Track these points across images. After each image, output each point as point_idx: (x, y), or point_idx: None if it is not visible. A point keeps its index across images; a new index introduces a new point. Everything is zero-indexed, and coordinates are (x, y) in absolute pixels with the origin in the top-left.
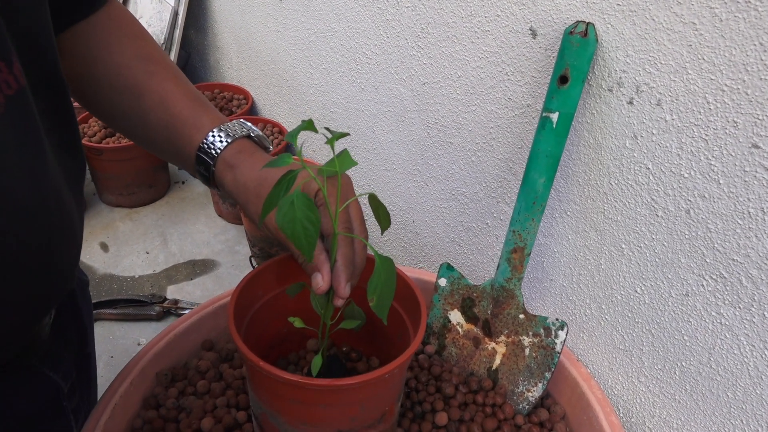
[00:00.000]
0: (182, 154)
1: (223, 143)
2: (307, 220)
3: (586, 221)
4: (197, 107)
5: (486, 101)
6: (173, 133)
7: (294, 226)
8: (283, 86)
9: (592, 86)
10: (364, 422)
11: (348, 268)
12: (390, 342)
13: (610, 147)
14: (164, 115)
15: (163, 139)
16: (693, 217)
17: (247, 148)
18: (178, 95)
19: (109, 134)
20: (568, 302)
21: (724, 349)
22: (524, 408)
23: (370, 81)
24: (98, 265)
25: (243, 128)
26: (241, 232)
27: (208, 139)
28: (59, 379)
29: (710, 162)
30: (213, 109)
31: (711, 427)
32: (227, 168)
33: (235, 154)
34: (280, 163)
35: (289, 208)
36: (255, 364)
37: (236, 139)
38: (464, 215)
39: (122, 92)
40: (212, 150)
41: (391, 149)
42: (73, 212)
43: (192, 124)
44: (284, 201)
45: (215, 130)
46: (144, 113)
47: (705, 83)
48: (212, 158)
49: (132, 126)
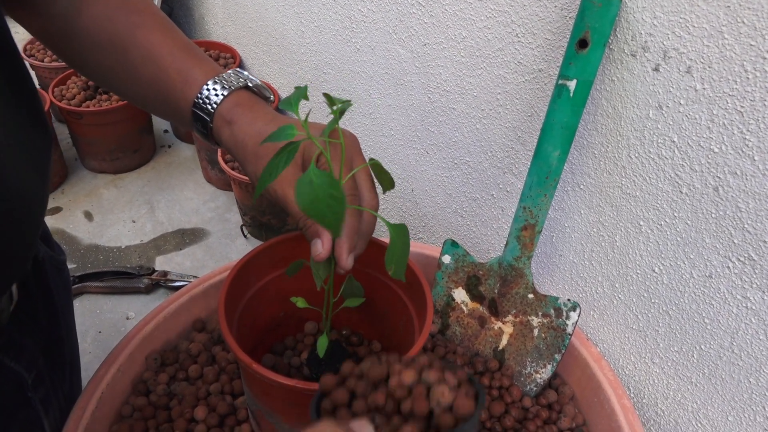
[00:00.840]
0: (177, 111)
1: (219, 97)
2: (330, 198)
3: (602, 196)
4: (188, 59)
5: (493, 65)
6: (164, 88)
7: (318, 206)
8: (273, 45)
9: (613, 51)
10: None
11: (351, 238)
12: (391, 326)
13: (631, 117)
14: (153, 70)
15: (154, 96)
16: (722, 195)
17: (244, 100)
18: (167, 47)
19: (89, 97)
20: (578, 279)
21: (749, 334)
22: (532, 390)
23: (366, 41)
24: (82, 235)
25: (240, 78)
26: (232, 198)
27: (202, 93)
28: (21, 370)
29: (744, 136)
30: (206, 59)
31: (730, 412)
32: (225, 124)
33: (232, 108)
34: (283, 136)
35: (309, 188)
36: (248, 366)
37: (233, 91)
38: (467, 185)
39: (106, 47)
40: (208, 105)
41: (389, 114)
42: (28, 189)
43: (184, 79)
44: (302, 181)
45: (210, 82)
46: (132, 69)
47: (743, 49)
48: (209, 114)
49: (121, 83)
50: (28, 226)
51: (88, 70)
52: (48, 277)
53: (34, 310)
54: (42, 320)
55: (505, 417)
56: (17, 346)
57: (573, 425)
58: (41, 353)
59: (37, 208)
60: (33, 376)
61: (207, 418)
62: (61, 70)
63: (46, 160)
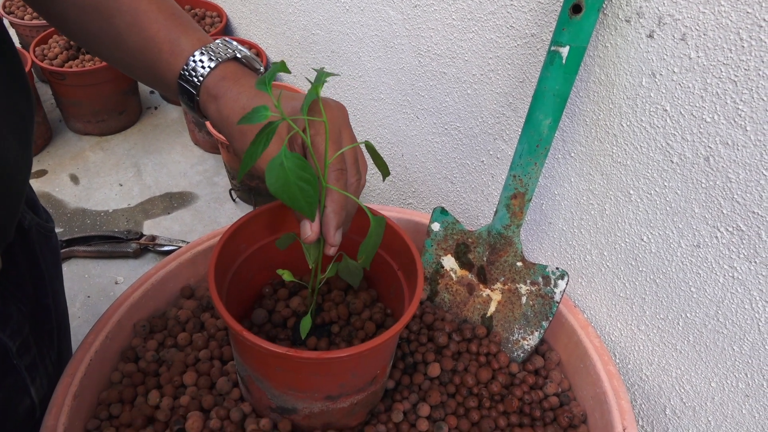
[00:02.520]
0: (163, 81)
1: (205, 69)
2: (301, 180)
3: (592, 164)
4: (175, 27)
5: (485, 28)
6: (150, 58)
7: (289, 189)
8: (260, 4)
9: (607, 16)
10: (354, 387)
11: (339, 214)
12: (381, 293)
13: (623, 85)
14: (138, 38)
15: (140, 64)
16: (712, 165)
17: (231, 73)
18: (153, 13)
19: (72, 57)
20: (567, 247)
21: (734, 303)
22: (519, 356)
23: (356, 1)
24: (69, 198)
25: (228, 49)
26: (220, 162)
27: (189, 65)
28: (5, 338)
29: (737, 106)
30: (194, 27)
31: (713, 378)
32: (210, 99)
33: (218, 82)
34: (256, 118)
35: (280, 171)
36: (238, 333)
37: (220, 63)
38: (458, 151)
39: (90, 12)
40: (194, 78)
41: (379, 77)
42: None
43: (170, 49)
44: (273, 164)
45: (197, 53)
46: (117, 36)
47: (740, 17)
48: (195, 87)
49: (106, 50)
50: (8, 195)
51: (73, 34)
52: (34, 244)
53: (19, 278)
54: (28, 288)
55: (492, 383)
56: (1, 314)
57: (559, 390)
58: (27, 321)
59: (18, 176)
60: (18, 344)
61: (197, 383)
62: (43, 28)
63: (28, 126)
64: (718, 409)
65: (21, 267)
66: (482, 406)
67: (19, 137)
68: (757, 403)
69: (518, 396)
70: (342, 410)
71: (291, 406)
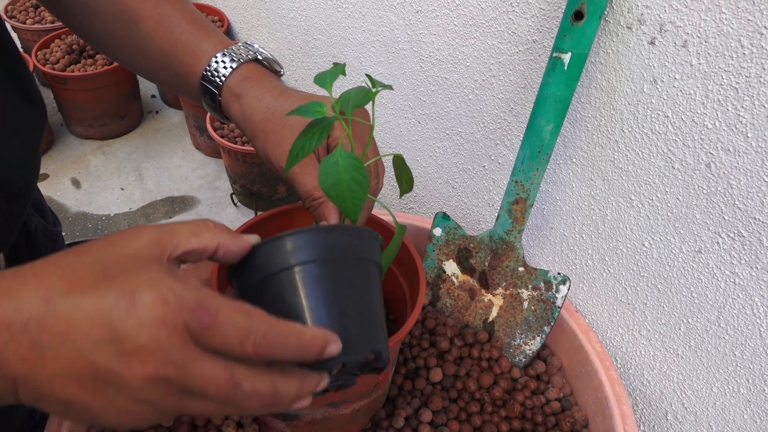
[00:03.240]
0: (186, 83)
1: (227, 69)
2: (353, 181)
3: (594, 169)
4: (198, 30)
5: (486, 34)
6: (173, 61)
7: (340, 188)
8: (262, 8)
9: (608, 23)
10: (357, 393)
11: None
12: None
13: (625, 91)
14: (163, 43)
15: (163, 68)
16: (714, 171)
17: (253, 74)
18: (176, 19)
19: (74, 61)
20: (568, 252)
21: (736, 308)
22: (521, 361)
23: (357, 7)
24: (70, 202)
25: (249, 51)
26: (221, 166)
27: (211, 66)
28: None
29: (739, 113)
30: (216, 31)
31: (714, 383)
32: (233, 98)
33: (240, 82)
34: (311, 113)
35: (334, 169)
36: None
37: (242, 63)
38: (459, 156)
39: (116, 19)
40: (216, 78)
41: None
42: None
43: (192, 51)
44: (327, 161)
45: (219, 54)
46: (141, 41)
47: (741, 24)
48: (217, 87)
49: (131, 56)
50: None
51: (98, 42)
52: (40, 247)
53: None
54: None
55: (494, 388)
56: None
57: (561, 395)
58: None
59: (24, 182)
60: None
61: None
62: (44, 32)
63: (38, 136)
64: (719, 414)
65: None
66: (484, 411)
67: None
68: (758, 409)
69: (520, 401)
70: (344, 416)
71: (293, 412)
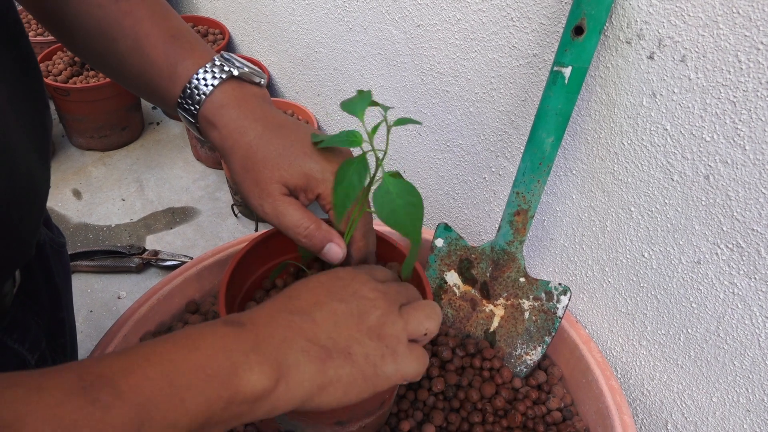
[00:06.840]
0: (165, 104)
1: (202, 97)
2: (409, 205)
3: (593, 181)
4: (175, 51)
5: (487, 48)
6: (151, 82)
7: (397, 215)
8: (263, 21)
9: (608, 37)
10: (364, 411)
11: (366, 236)
12: None
13: (624, 104)
14: (139, 62)
15: (143, 87)
16: (712, 183)
17: (230, 98)
18: (154, 37)
19: (76, 73)
20: (569, 263)
21: (735, 318)
22: (522, 371)
23: (359, 20)
24: (71, 213)
25: (224, 69)
26: (222, 177)
27: (185, 92)
28: (25, 351)
29: (736, 126)
30: (195, 48)
31: (714, 393)
32: (210, 126)
33: (217, 111)
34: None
35: (387, 198)
36: None
37: (215, 88)
38: (460, 168)
39: (96, 35)
40: (191, 107)
41: (381, 95)
42: (34, 172)
43: (168, 75)
44: (379, 192)
45: (194, 78)
46: (120, 58)
47: (738, 40)
48: (193, 116)
49: (112, 71)
50: (33, 209)
51: (81, 55)
52: (49, 259)
53: (36, 293)
54: (44, 302)
55: (495, 398)
56: (21, 327)
57: (562, 405)
58: (44, 335)
59: (41, 190)
60: (36, 357)
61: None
62: (47, 44)
63: (47, 141)
64: (719, 424)
65: (38, 281)
66: (486, 421)
67: (40, 153)
68: (758, 418)
69: (521, 411)
70: None
71: (300, 431)
